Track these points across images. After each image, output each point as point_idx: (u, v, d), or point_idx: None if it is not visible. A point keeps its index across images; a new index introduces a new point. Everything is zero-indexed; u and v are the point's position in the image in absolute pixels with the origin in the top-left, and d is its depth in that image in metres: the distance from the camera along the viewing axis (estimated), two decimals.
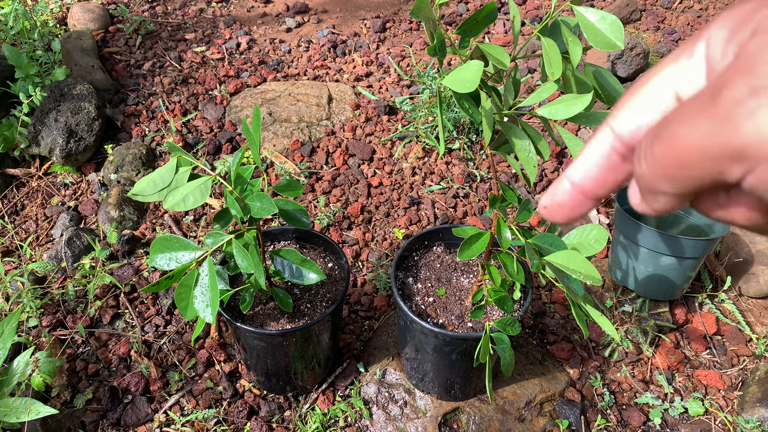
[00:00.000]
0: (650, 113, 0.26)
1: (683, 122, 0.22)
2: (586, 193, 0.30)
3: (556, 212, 0.31)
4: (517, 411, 1.39)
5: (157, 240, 0.96)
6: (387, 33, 2.69)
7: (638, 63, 2.27)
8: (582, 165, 0.29)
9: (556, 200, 0.31)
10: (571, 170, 0.30)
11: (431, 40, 0.80)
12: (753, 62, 0.21)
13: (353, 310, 1.62)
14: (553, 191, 0.31)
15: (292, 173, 1.97)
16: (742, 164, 0.21)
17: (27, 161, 2.01)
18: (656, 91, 0.26)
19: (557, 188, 0.31)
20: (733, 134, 0.21)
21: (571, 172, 0.30)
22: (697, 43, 0.25)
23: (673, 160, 0.23)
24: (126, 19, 2.57)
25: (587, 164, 0.29)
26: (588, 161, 0.29)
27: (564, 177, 0.30)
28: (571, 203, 0.30)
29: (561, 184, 0.30)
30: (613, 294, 1.65)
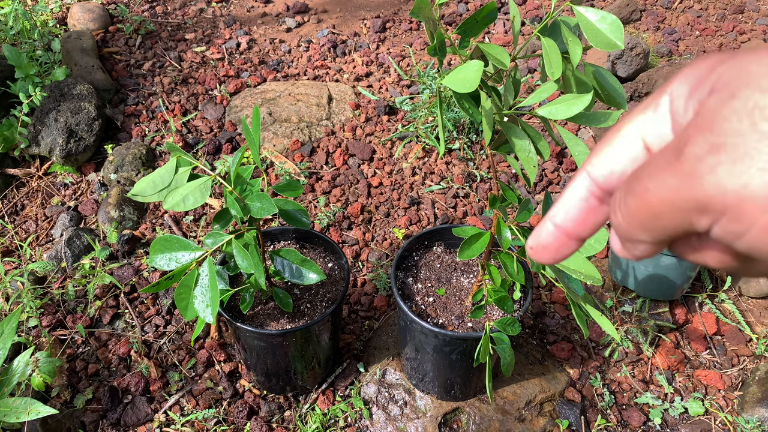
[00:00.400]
0: (622, 160, 0.28)
1: (652, 177, 0.24)
2: (569, 234, 0.31)
3: (542, 253, 0.33)
4: (517, 411, 1.39)
5: (157, 240, 0.96)
6: (387, 33, 2.69)
7: (638, 63, 2.27)
8: (563, 207, 0.31)
9: (541, 241, 0.32)
10: (553, 212, 0.32)
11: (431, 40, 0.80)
12: (712, 120, 0.23)
13: (353, 310, 1.62)
14: (538, 233, 0.32)
15: (292, 173, 1.97)
16: (708, 216, 0.23)
17: (27, 161, 2.01)
18: (626, 140, 0.28)
19: (541, 230, 0.32)
20: (697, 189, 0.22)
21: (553, 214, 0.32)
22: (662, 97, 0.27)
23: (646, 212, 0.25)
24: (126, 19, 2.57)
25: (568, 206, 0.31)
26: (568, 204, 0.31)
27: (547, 219, 0.32)
28: (556, 244, 0.32)
29: (545, 226, 0.32)
30: (613, 294, 1.65)
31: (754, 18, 2.73)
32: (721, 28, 2.68)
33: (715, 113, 0.23)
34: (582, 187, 0.30)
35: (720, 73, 0.24)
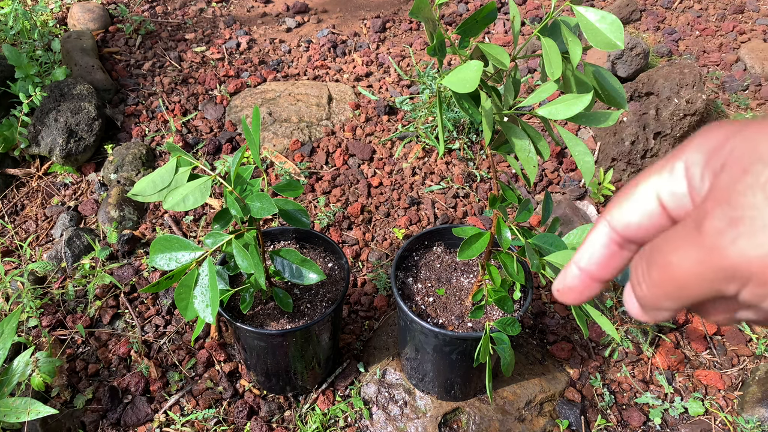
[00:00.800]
0: (639, 213, 0.31)
1: (675, 251, 0.26)
2: (593, 277, 0.34)
3: (569, 295, 0.36)
4: (517, 411, 1.39)
5: (157, 240, 0.96)
6: (387, 33, 2.69)
7: (638, 63, 2.27)
8: (587, 252, 0.34)
9: (567, 284, 0.35)
10: (578, 257, 0.34)
11: (431, 40, 0.80)
12: (728, 194, 0.25)
13: (353, 310, 1.62)
14: (564, 276, 0.35)
15: (292, 173, 1.97)
16: (736, 282, 0.25)
17: (27, 161, 2.01)
18: (643, 196, 0.31)
19: (567, 274, 0.35)
20: (723, 259, 0.24)
21: (578, 259, 0.34)
22: (677, 162, 0.30)
23: (672, 284, 0.27)
24: (126, 19, 2.57)
25: (591, 252, 0.34)
26: (591, 249, 0.34)
27: (572, 263, 0.35)
28: (581, 287, 0.35)
29: (570, 270, 0.35)
30: (613, 294, 1.65)
31: (754, 18, 2.73)
32: (721, 28, 2.68)
33: (731, 188, 0.25)
34: (603, 234, 0.33)
35: (732, 148, 0.26)
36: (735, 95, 2.34)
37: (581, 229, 0.98)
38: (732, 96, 2.34)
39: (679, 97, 2.00)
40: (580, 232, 0.98)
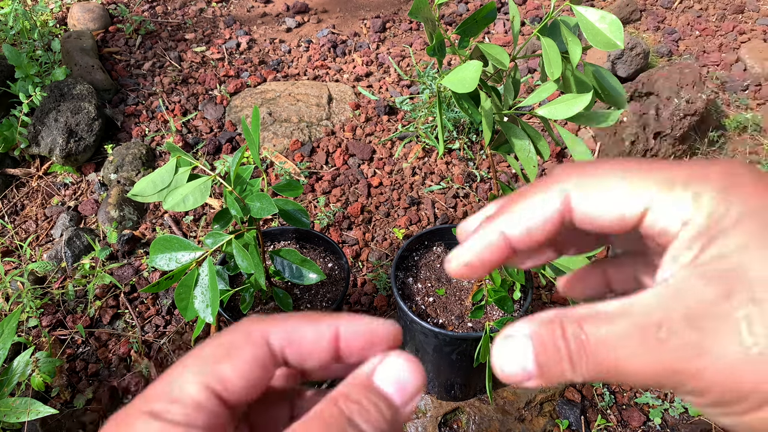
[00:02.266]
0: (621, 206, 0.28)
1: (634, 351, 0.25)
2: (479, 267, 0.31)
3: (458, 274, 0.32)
4: (517, 411, 1.39)
5: (157, 240, 0.96)
6: (387, 33, 2.69)
7: (638, 63, 2.27)
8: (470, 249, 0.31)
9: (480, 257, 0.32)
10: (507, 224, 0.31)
11: (431, 40, 0.80)
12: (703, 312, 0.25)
13: (353, 310, 1.62)
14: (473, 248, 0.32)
15: (292, 173, 1.97)
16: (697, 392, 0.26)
17: (27, 161, 2.01)
18: (633, 194, 0.28)
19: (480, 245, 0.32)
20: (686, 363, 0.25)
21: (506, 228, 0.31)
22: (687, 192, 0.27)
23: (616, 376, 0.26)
24: (126, 19, 2.57)
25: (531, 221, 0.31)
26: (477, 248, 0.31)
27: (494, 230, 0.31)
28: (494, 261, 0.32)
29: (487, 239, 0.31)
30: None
31: (754, 18, 2.73)
32: (721, 28, 2.68)
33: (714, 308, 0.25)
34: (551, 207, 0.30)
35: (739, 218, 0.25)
36: (735, 95, 2.34)
37: None
38: (732, 96, 2.34)
39: (679, 97, 2.00)
40: None
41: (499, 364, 0.28)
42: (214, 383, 0.27)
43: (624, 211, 0.28)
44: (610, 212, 0.28)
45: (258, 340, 0.29)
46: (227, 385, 0.28)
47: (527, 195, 0.30)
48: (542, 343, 0.27)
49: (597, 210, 0.29)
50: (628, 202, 0.28)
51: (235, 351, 0.29)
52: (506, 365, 0.28)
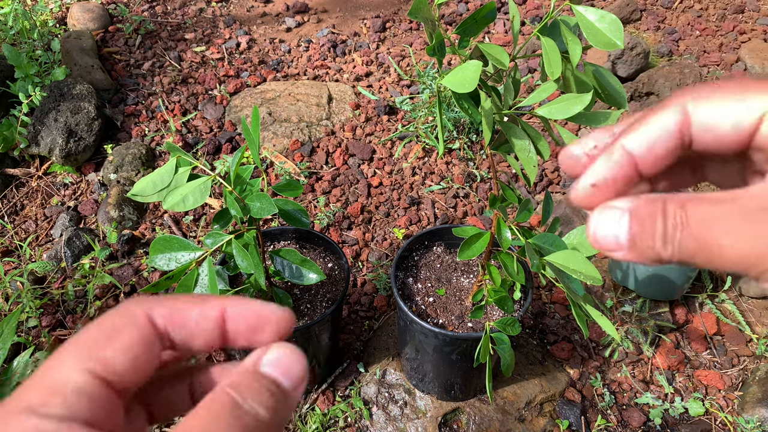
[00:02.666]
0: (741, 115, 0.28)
1: (727, 234, 0.25)
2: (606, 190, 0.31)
3: (582, 202, 0.32)
4: (517, 411, 1.39)
5: (156, 240, 0.96)
6: (387, 33, 2.69)
7: (638, 63, 2.27)
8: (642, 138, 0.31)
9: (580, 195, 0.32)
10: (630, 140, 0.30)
11: (430, 40, 0.80)
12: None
13: (353, 310, 1.62)
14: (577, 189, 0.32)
15: (291, 173, 1.97)
16: None
17: (27, 161, 2.01)
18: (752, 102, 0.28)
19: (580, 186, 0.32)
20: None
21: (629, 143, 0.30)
22: None
23: (705, 256, 0.26)
24: (126, 18, 2.57)
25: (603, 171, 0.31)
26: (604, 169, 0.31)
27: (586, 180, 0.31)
28: (595, 198, 0.31)
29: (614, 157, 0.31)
30: (613, 294, 1.65)
31: (755, 18, 2.73)
32: (721, 28, 2.68)
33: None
34: (674, 120, 0.30)
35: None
36: None
37: (581, 229, 0.98)
38: None
39: None
40: (581, 232, 0.98)
41: (593, 230, 0.29)
42: (98, 368, 0.27)
43: (741, 119, 0.28)
44: (727, 120, 0.28)
45: (141, 321, 0.28)
46: (112, 368, 0.27)
47: (647, 114, 0.30)
48: (639, 216, 0.28)
49: (714, 119, 0.29)
50: (745, 109, 0.28)
51: (117, 333, 0.28)
52: (600, 231, 0.28)
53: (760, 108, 0.27)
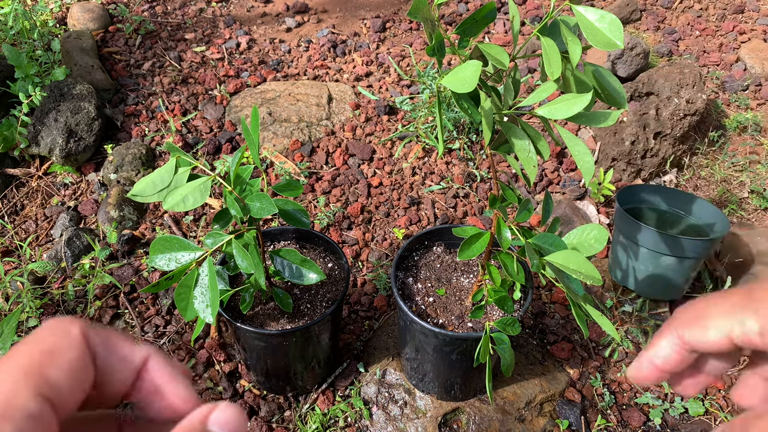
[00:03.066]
0: (710, 340, 0.39)
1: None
2: (664, 371, 0.43)
3: (641, 380, 0.44)
4: (517, 411, 1.39)
5: (156, 240, 0.96)
6: (387, 33, 2.69)
7: (638, 63, 2.27)
8: (661, 354, 0.42)
9: (643, 374, 0.44)
10: (653, 354, 0.43)
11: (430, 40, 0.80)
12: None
13: (353, 310, 1.62)
14: (639, 367, 0.44)
15: (291, 173, 1.97)
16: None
17: (27, 161, 2.01)
18: (715, 331, 0.38)
19: (642, 366, 0.43)
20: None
21: (653, 356, 0.43)
22: (749, 316, 0.37)
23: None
24: (126, 18, 2.57)
25: (665, 355, 0.42)
26: (664, 353, 0.42)
27: (646, 358, 0.43)
28: (653, 376, 0.43)
29: (644, 363, 0.43)
30: (613, 294, 1.65)
31: (754, 18, 2.73)
32: (721, 28, 2.68)
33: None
34: (674, 343, 0.41)
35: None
36: (735, 95, 2.34)
37: (581, 230, 0.98)
38: (732, 96, 2.34)
39: (679, 97, 2.00)
40: (581, 232, 0.98)
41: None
42: (47, 390, 0.26)
43: (714, 339, 0.38)
44: (708, 340, 0.39)
45: (78, 341, 0.28)
46: (57, 390, 0.26)
47: (659, 336, 0.43)
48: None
49: (698, 340, 0.39)
50: (714, 333, 0.38)
51: (59, 353, 0.27)
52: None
53: (725, 331, 0.38)
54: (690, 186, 2.03)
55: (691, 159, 2.08)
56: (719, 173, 2.05)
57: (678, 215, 1.67)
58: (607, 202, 1.93)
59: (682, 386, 0.45)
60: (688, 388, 0.45)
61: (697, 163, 2.09)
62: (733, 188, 2.01)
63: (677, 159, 2.05)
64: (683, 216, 1.66)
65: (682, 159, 2.06)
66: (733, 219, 1.92)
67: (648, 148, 1.98)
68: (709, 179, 2.05)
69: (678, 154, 2.04)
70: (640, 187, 1.70)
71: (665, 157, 2.00)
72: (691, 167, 2.07)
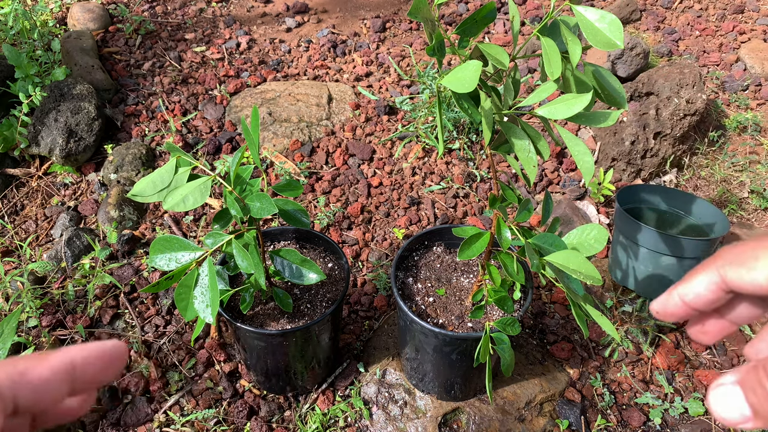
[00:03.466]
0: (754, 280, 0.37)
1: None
2: (693, 308, 0.41)
3: (667, 317, 0.43)
4: (517, 411, 1.39)
5: (156, 240, 0.96)
6: (387, 33, 2.69)
7: (638, 63, 2.27)
8: (693, 290, 0.41)
9: (669, 309, 0.42)
10: (684, 291, 0.41)
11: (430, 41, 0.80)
12: None
13: (353, 310, 1.62)
14: (666, 302, 0.43)
15: (292, 173, 1.97)
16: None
17: (27, 161, 2.01)
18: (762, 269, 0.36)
19: (669, 301, 0.42)
20: None
21: (683, 293, 0.41)
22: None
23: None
24: (126, 18, 2.57)
25: (698, 292, 0.40)
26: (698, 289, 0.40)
27: (676, 294, 0.42)
28: (680, 313, 0.42)
29: (673, 299, 0.42)
30: (613, 294, 1.65)
31: (754, 18, 2.73)
32: (721, 28, 2.68)
33: None
34: (712, 281, 0.39)
35: None
36: (735, 95, 2.34)
37: (581, 230, 0.98)
38: (732, 96, 2.34)
39: (679, 97, 2.00)
40: (581, 232, 0.98)
41: (719, 414, 0.33)
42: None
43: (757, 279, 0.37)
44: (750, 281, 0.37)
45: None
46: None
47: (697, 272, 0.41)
48: (749, 386, 0.32)
49: (742, 282, 0.37)
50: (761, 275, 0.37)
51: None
52: (724, 413, 0.33)
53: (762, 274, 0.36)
54: (690, 186, 2.03)
55: (691, 159, 2.08)
56: (719, 173, 2.05)
57: (678, 215, 1.67)
58: (607, 202, 1.93)
59: (703, 330, 0.43)
60: (709, 334, 0.43)
61: (697, 163, 2.09)
62: (733, 188, 2.01)
63: (677, 159, 2.05)
64: (683, 216, 1.66)
65: (682, 159, 2.06)
66: (733, 219, 1.92)
67: (648, 148, 1.98)
68: (709, 179, 2.05)
69: (678, 154, 2.04)
70: (640, 187, 1.70)
71: (665, 157, 2.00)
72: (691, 167, 2.07)
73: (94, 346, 0.30)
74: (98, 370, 0.30)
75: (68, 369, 0.29)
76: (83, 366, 0.30)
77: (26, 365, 0.29)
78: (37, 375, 0.28)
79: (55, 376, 0.29)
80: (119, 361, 0.31)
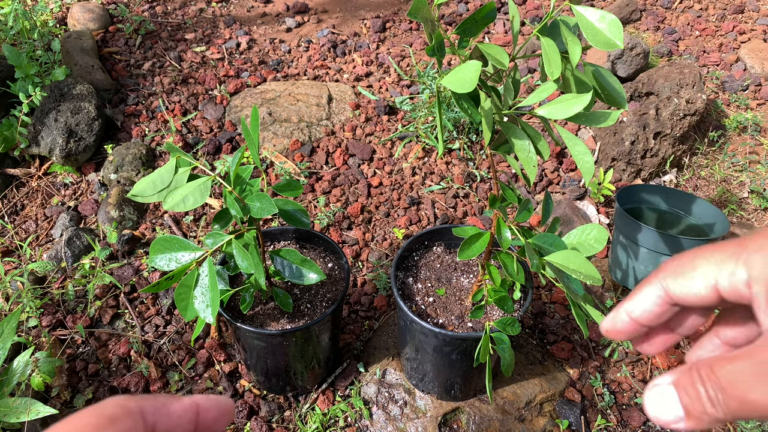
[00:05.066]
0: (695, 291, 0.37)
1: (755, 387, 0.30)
2: (641, 324, 0.41)
3: (616, 335, 0.42)
4: (517, 411, 1.39)
5: (156, 240, 0.96)
6: (387, 33, 2.69)
7: (638, 63, 2.27)
8: (639, 306, 0.40)
9: (617, 328, 0.42)
10: (630, 307, 0.41)
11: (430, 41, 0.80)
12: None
13: (353, 310, 1.62)
14: (614, 320, 0.42)
15: (292, 173, 1.97)
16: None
17: (27, 161, 2.01)
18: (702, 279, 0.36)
19: (617, 319, 0.41)
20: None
21: (629, 309, 0.41)
22: (739, 267, 0.34)
23: (746, 410, 0.30)
24: (126, 19, 2.57)
25: (644, 307, 0.40)
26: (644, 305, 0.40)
27: (623, 311, 0.41)
28: (629, 330, 0.41)
29: (620, 316, 0.41)
30: (613, 294, 1.65)
31: (754, 18, 2.73)
32: (721, 28, 2.68)
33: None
34: (656, 294, 0.39)
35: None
36: (735, 95, 2.34)
37: (581, 230, 0.98)
38: (732, 96, 2.34)
39: (679, 97, 2.00)
40: (581, 232, 0.98)
41: (653, 414, 0.34)
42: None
43: (699, 290, 0.36)
44: (692, 292, 0.37)
45: (135, 413, 0.30)
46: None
47: (642, 286, 0.40)
48: (683, 387, 0.33)
49: (684, 294, 0.37)
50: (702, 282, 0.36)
51: (116, 423, 0.29)
52: (659, 412, 0.34)
53: (711, 278, 0.36)
54: (690, 186, 2.03)
55: (691, 159, 2.08)
56: (719, 173, 2.05)
57: (678, 215, 1.67)
58: (607, 202, 1.93)
59: (650, 343, 0.43)
60: (655, 345, 0.43)
61: (697, 163, 2.09)
62: (732, 188, 2.01)
63: (677, 159, 2.05)
64: (683, 216, 1.66)
65: (681, 159, 2.06)
66: (733, 219, 1.92)
67: (648, 148, 1.98)
68: (709, 179, 2.05)
69: (678, 154, 2.04)
70: (640, 187, 1.70)
71: (665, 157, 2.00)
72: (690, 167, 2.07)
73: (214, 398, 0.34)
74: (214, 418, 0.34)
75: (196, 411, 0.33)
76: (204, 412, 0.33)
77: (165, 400, 0.32)
78: (174, 409, 0.32)
79: (187, 414, 0.32)
80: (230, 414, 0.35)
